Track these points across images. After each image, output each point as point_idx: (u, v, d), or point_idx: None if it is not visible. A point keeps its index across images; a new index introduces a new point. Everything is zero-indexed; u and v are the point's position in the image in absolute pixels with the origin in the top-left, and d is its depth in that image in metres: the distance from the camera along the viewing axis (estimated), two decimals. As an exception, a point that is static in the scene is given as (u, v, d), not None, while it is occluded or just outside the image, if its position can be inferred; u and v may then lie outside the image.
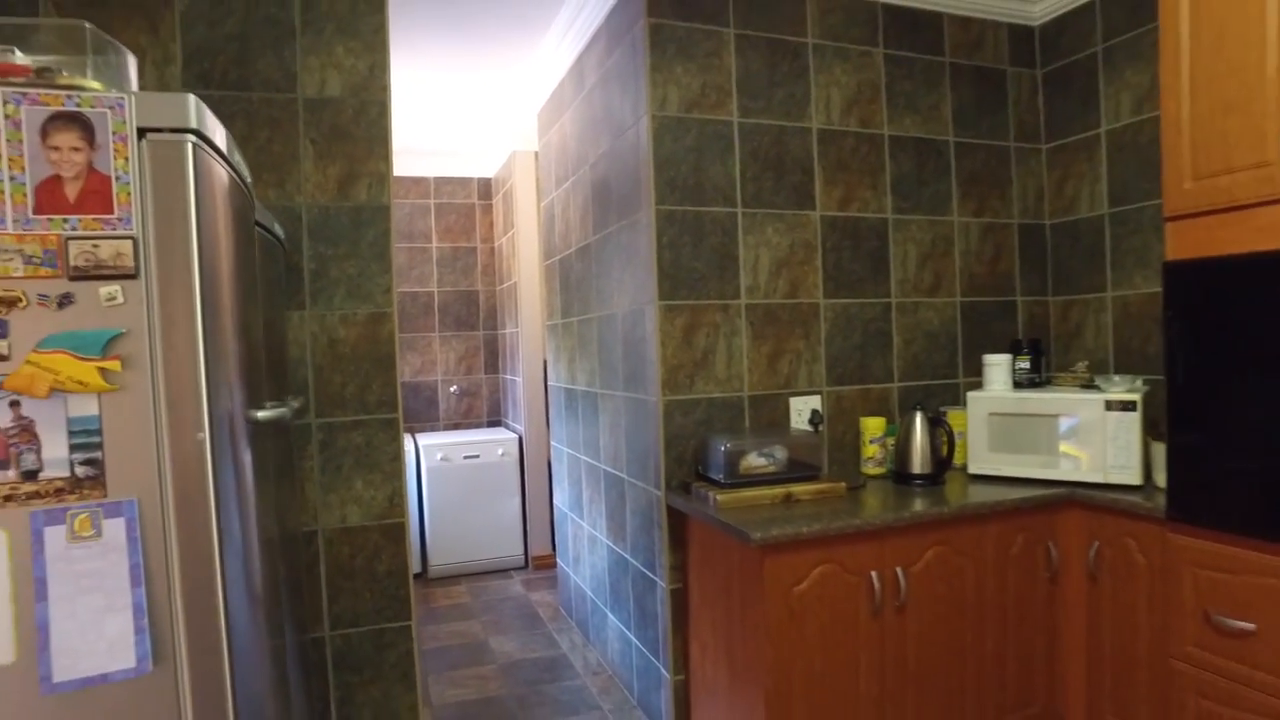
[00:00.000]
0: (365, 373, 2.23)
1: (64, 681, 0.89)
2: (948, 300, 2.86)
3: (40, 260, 0.89)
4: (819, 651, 2.09)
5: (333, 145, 2.21)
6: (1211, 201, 1.95)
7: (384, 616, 2.26)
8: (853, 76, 2.72)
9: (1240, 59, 1.87)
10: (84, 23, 0.98)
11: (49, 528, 0.89)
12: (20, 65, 0.91)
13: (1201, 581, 2.00)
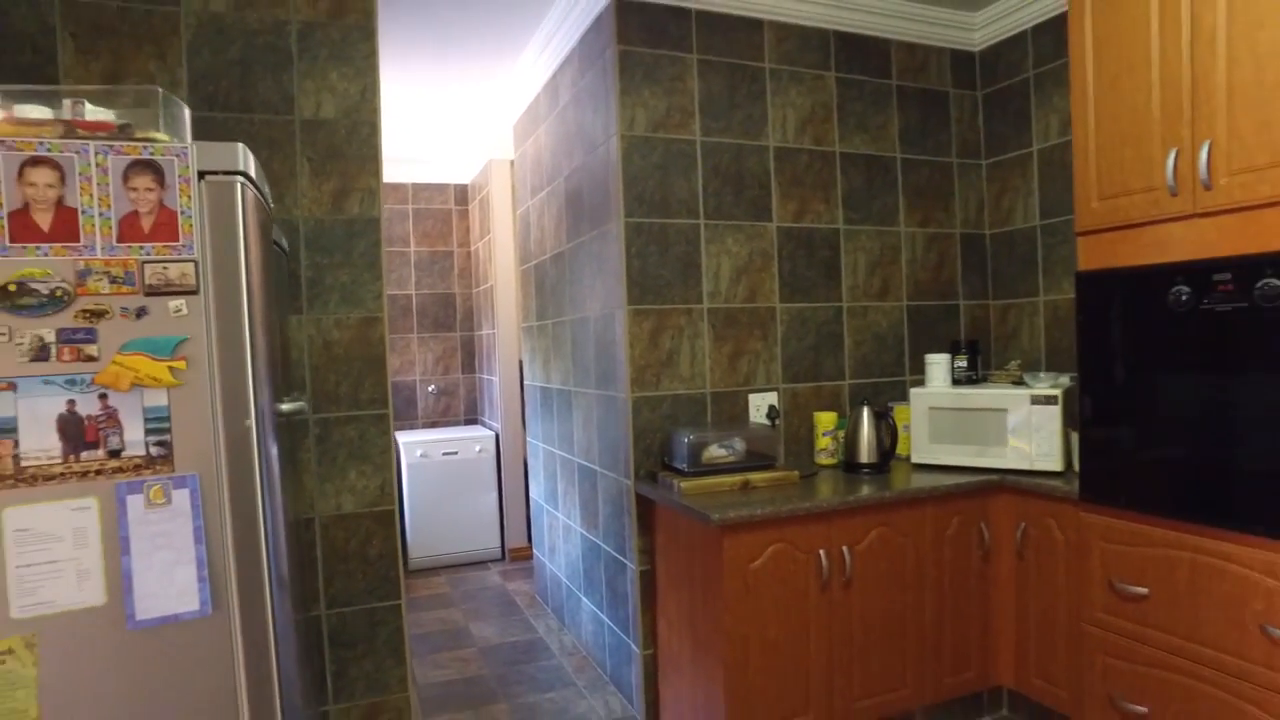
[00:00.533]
0: (358, 372, 2.45)
1: (144, 619, 1.11)
2: (895, 304, 3.14)
3: (122, 280, 1.10)
4: (772, 622, 2.35)
5: (327, 163, 2.43)
6: (1112, 220, 2.24)
7: (376, 596, 2.48)
8: (807, 98, 2.99)
9: (1132, 99, 2.16)
10: (157, 88, 1.19)
11: (130, 496, 1.11)
12: (108, 122, 1.13)
13: (1107, 554, 2.29)
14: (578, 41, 3.02)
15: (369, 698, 2.48)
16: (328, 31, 2.44)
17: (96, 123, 1.13)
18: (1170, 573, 2.12)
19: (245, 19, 2.34)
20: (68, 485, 1.08)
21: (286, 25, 2.39)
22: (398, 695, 2.52)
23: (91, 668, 1.10)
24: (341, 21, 2.44)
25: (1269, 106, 1.86)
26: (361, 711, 2.47)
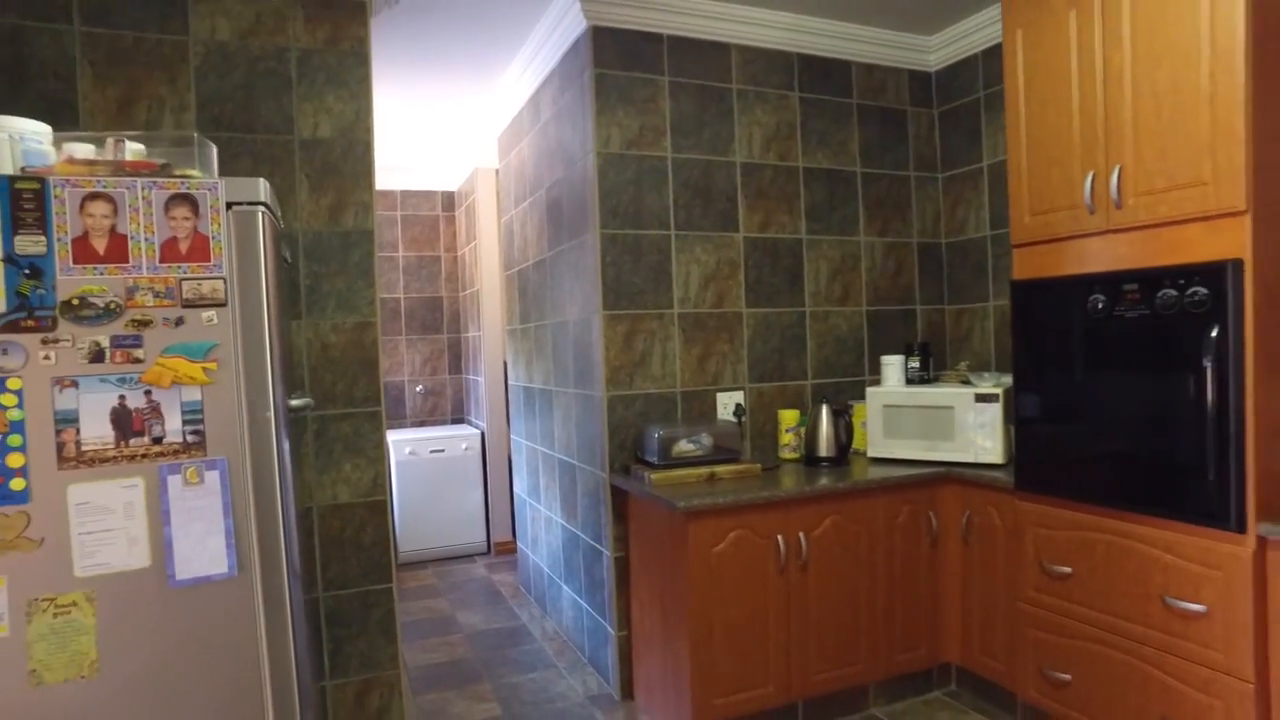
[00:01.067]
0: (352, 373, 2.68)
1: (182, 579, 1.33)
2: (855, 309, 3.39)
3: (164, 294, 1.32)
4: (734, 602, 2.59)
5: (324, 179, 2.66)
6: (1042, 234, 2.49)
7: (369, 580, 2.71)
8: (772, 117, 3.23)
9: (1056, 126, 2.42)
10: (194, 133, 1.42)
11: (170, 476, 1.33)
12: (152, 162, 1.35)
13: (1039, 538, 2.54)
14: (558, 63, 3.25)
15: (363, 674, 2.71)
16: (324, 58, 2.67)
17: (143, 162, 1.35)
18: (1090, 553, 2.38)
19: (248, 46, 2.57)
20: (119, 467, 1.31)
21: (286, 52, 2.62)
22: (389, 672, 2.75)
23: (139, 619, 1.33)
24: (337, 48, 2.67)
25: (1166, 137, 2.12)
26: (356, 687, 2.70)
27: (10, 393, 1.24)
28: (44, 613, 1.26)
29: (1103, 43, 2.28)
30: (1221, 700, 2.05)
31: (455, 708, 3.02)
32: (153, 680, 1.33)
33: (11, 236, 1.23)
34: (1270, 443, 2.01)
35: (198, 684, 1.35)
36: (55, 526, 1.27)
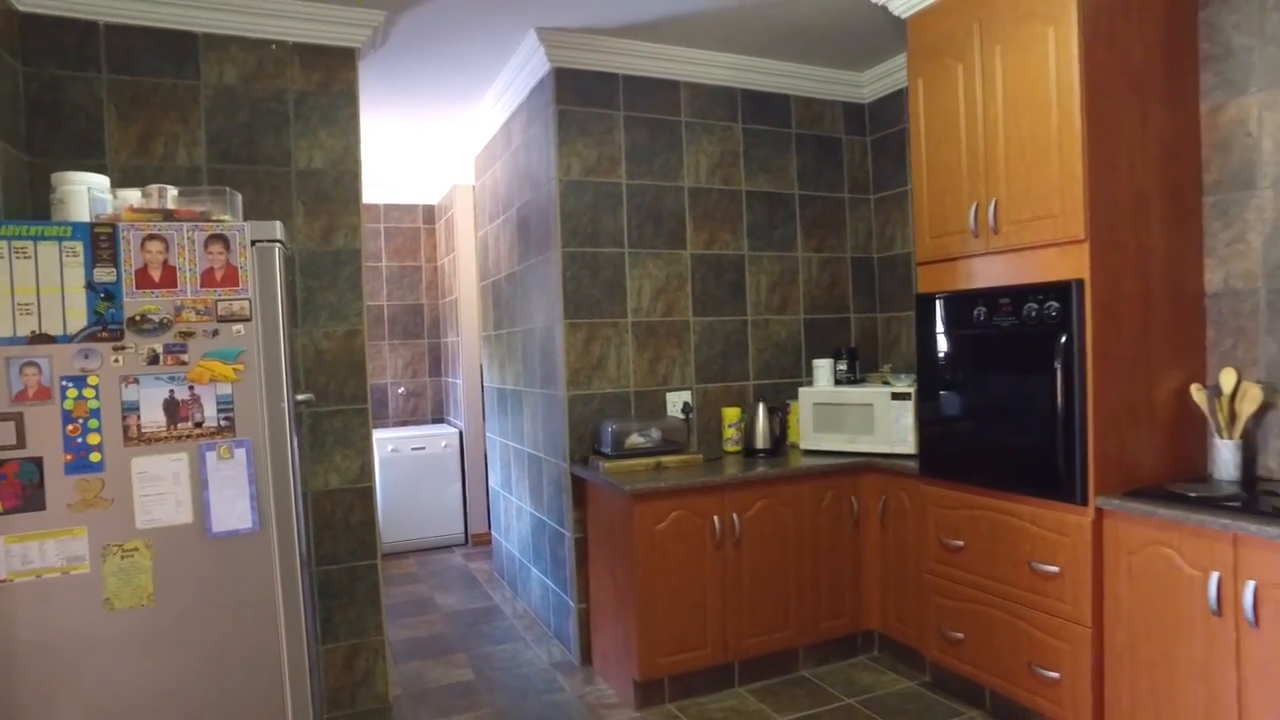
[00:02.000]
0: (343, 374, 3.11)
1: (217, 532, 1.75)
2: (793, 317, 3.85)
3: (204, 312, 1.75)
4: (675, 574, 3.03)
5: (318, 205, 3.09)
6: (939, 253, 2.96)
7: (356, 556, 3.14)
8: (717, 146, 3.69)
9: (949, 161, 2.89)
10: (225, 188, 1.85)
11: (208, 452, 1.75)
12: (194, 210, 1.77)
13: (938, 517, 3.00)
14: (525, 98, 3.70)
15: (350, 640, 3.13)
16: (318, 99, 3.10)
17: (187, 210, 1.77)
18: (976, 528, 2.83)
19: (252, 89, 3.00)
20: (169, 444, 1.72)
21: (285, 94, 3.05)
22: (374, 638, 3.18)
23: (184, 562, 1.74)
24: (329, 91, 3.10)
25: (1029, 176, 2.58)
26: (345, 651, 3.12)
27: (90, 387, 1.66)
28: (114, 555, 1.68)
29: (982, 94, 2.75)
30: (1069, 644, 2.52)
31: (433, 674, 3.45)
32: (195, 609, 1.75)
33: (91, 269, 1.65)
34: (1106, 431, 2.48)
35: (228, 613, 1.77)
36: (122, 490, 1.69)
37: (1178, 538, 2.24)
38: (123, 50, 2.82)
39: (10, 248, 1.59)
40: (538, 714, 3.03)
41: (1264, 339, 2.54)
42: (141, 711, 1.71)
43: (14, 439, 1.60)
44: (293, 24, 3.01)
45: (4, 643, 1.61)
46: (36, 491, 1.62)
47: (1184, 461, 2.66)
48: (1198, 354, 2.70)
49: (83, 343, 1.66)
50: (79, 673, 1.66)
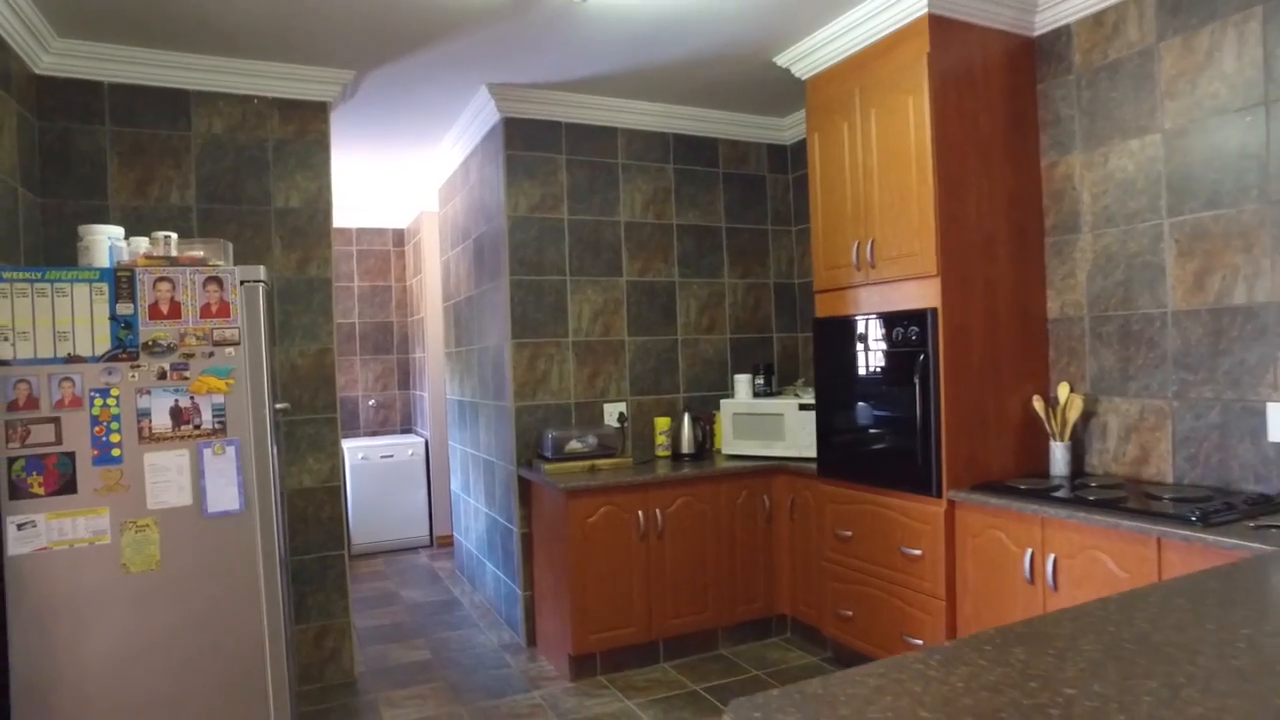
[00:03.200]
0: (315, 388, 3.60)
1: (212, 512, 2.23)
2: (720, 337, 4.38)
3: (202, 338, 2.23)
4: (604, 562, 3.53)
5: (294, 239, 3.59)
6: (831, 283, 3.50)
7: (326, 547, 3.62)
8: (651, 184, 4.23)
9: (838, 204, 3.43)
10: (223, 240, 2.34)
11: (205, 449, 2.23)
12: (196, 256, 2.27)
13: (832, 511, 3.53)
14: (480, 141, 4.23)
15: (320, 621, 3.61)
16: (294, 146, 3.61)
17: (190, 257, 2.27)
18: (861, 520, 3.36)
19: (236, 138, 3.50)
20: (174, 443, 2.21)
21: (265, 142, 3.55)
22: (341, 620, 3.66)
23: (184, 536, 2.22)
24: (304, 139, 3.61)
25: (896, 220, 3.13)
26: (315, 631, 3.60)
27: (112, 397, 2.14)
28: (130, 529, 2.15)
29: (861, 149, 3.30)
30: (929, 615, 3.05)
31: (394, 655, 3.93)
32: (193, 573, 2.23)
33: (114, 304, 2.14)
34: (957, 435, 3.01)
35: (220, 576, 2.25)
36: (136, 478, 2.17)
37: (1006, 522, 2.78)
38: (125, 106, 3.32)
39: (53, 289, 2.08)
40: (485, 686, 3.52)
41: (1088, 358, 3.10)
42: (149, 654, 2.19)
43: (54, 437, 2.09)
44: (273, 82, 3.52)
45: (45, 596, 2.09)
46: (70, 479, 2.10)
47: (1031, 461, 3.20)
48: (1042, 371, 3.25)
49: (107, 362, 2.15)
50: (101, 621, 2.14)
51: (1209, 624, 1.33)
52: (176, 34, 3.13)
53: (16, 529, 2.04)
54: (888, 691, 1.11)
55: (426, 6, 2.97)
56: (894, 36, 3.13)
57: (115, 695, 2.15)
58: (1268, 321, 2.55)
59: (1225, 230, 2.65)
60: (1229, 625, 1.32)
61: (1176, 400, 2.81)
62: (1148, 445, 2.92)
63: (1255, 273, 2.57)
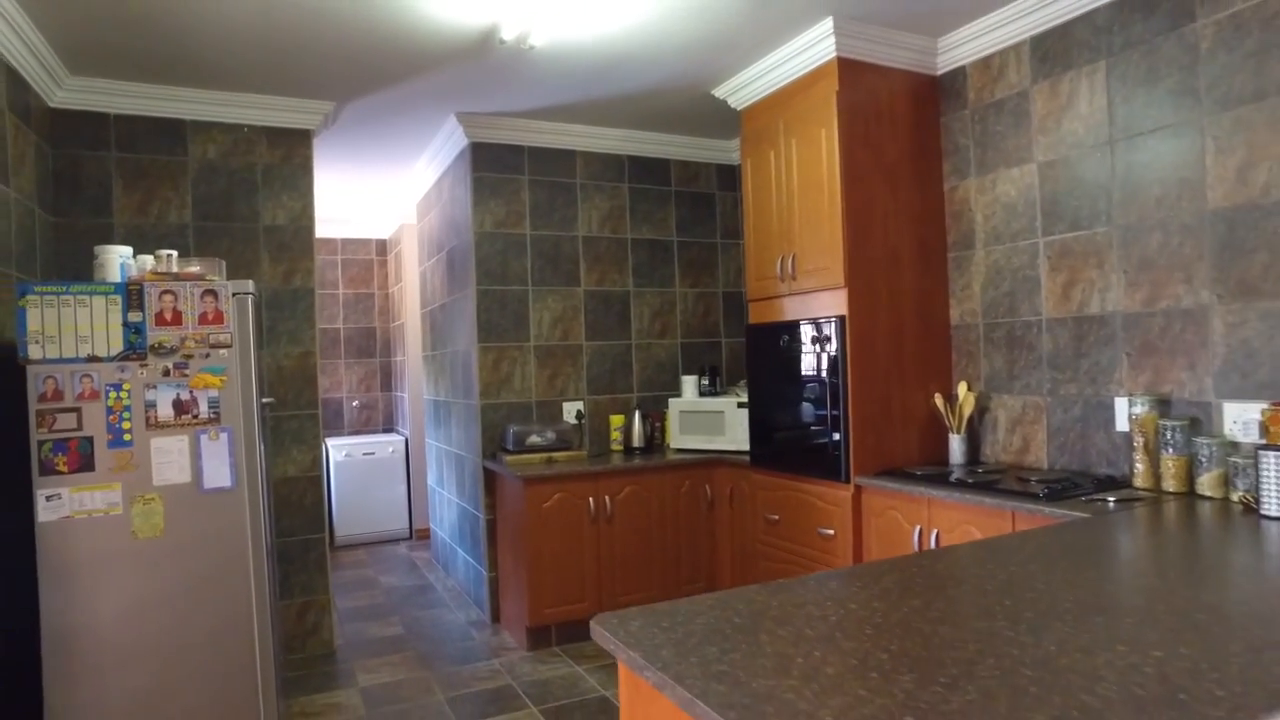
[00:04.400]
0: (299, 387, 4.05)
1: (207, 489, 2.67)
2: (671, 341, 4.84)
3: (200, 341, 2.67)
4: (559, 544, 3.98)
5: (280, 254, 4.04)
6: (761, 293, 3.96)
7: (308, 530, 4.06)
8: (607, 202, 4.69)
9: (766, 224, 3.90)
10: (218, 258, 2.80)
11: (202, 435, 2.67)
12: (196, 272, 2.71)
13: (763, 498, 3.98)
14: (451, 163, 4.69)
15: (303, 597, 4.06)
16: (281, 170, 4.06)
17: (190, 273, 2.72)
18: (786, 505, 3.82)
19: (229, 163, 3.96)
20: (176, 430, 2.65)
21: (255, 166, 4.01)
22: (322, 597, 4.10)
23: (184, 508, 2.66)
24: (290, 163, 4.07)
25: (813, 238, 3.60)
26: (298, 607, 4.05)
27: (125, 391, 2.58)
28: (139, 502, 2.59)
29: (785, 174, 3.76)
30: (838, 586, 3.50)
31: (371, 630, 4.38)
32: (191, 540, 2.67)
33: (126, 313, 2.59)
34: (864, 428, 3.47)
35: (213, 543, 2.69)
36: (144, 458, 2.61)
37: (901, 503, 3.23)
38: (128, 135, 3.77)
39: (75, 300, 2.53)
40: (451, 655, 3.97)
41: (983, 359, 3.56)
42: (155, 608, 2.63)
43: (75, 424, 2.53)
44: (261, 112, 3.97)
45: (68, 557, 2.53)
46: (89, 459, 2.55)
47: (933, 451, 3.66)
48: (946, 371, 3.72)
49: (120, 361, 2.60)
50: (115, 579, 2.58)
51: (1007, 563, 1.79)
52: (175, 70, 3.58)
53: (45, 500, 2.49)
54: (717, 609, 1.56)
55: (398, 49, 3.43)
56: (810, 76, 3.60)
57: (126, 642, 2.59)
58: (1115, 328, 3.01)
59: (1084, 249, 3.11)
60: (1019, 561, 1.78)
61: (1050, 397, 3.28)
62: (1028, 436, 3.38)
63: (1106, 286, 3.04)
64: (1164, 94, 2.84)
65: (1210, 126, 2.71)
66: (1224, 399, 2.70)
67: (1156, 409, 2.86)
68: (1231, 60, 2.64)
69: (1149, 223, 2.90)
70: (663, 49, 3.55)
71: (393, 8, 3.02)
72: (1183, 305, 2.81)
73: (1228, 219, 2.67)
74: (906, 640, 1.34)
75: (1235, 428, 2.67)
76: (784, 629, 1.42)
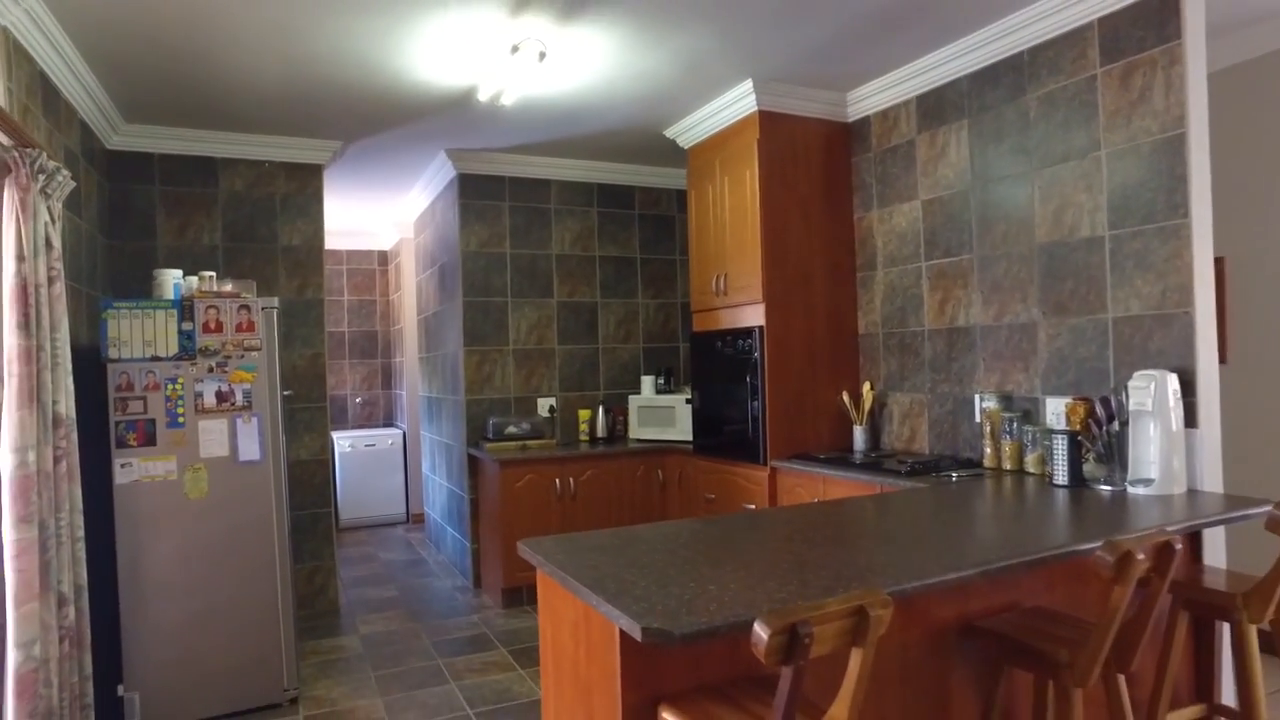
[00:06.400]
0: (310, 383, 4.89)
1: (242, 461, 3.49)
2: (634, 346, 5.66)
3: (236, 345, 3.49)
4: (529, 518, 4.80)
5: (295, 270, 4.88)
6: (702, 305, 4.77)
7: (316, 505, 4.90)
8: (578, 224, 5.51)
9: (706, 246, 4.71)
10: (252, 280, 3.61)
11: (238, 419, 3.49)
12: (233, 291, 3.53)
13: (703, 480, 4.79)
14: (442, 190, 5.53)
15: (313, 563, 4.89)
16: (296, 199, 4.90)
17: (228, 291, 3.54)
18: (720, 485, 4.62)
19: (253, 193, 4.80)
20: (217, 414, 3.47)
21: (274, 195, 4.85)
22: (329, 563, 4.93)
23: (224, 475, 3.49)
24: (304, 194, 4.91)
25: (740, 259, 4.40)
26: (308, 570, 4.88)
27: (179, 384, 3.42)
28: (189, 470, 3.42)
29: (719, 206, 4.58)
30: (757, 551, 4.30)
31: (370, 593, 5.21)
32: (230, 500, 3.50)
33: (180, 323, 3.42)
34: (779, 421, 4.27)
35: (248, 503, 3.52)
36: (193, 436, 3.44)
37: (805, 480, 4.03)
38: (169, 171, 4.62)
39: (143, 313, 3.37)
40: (437, 612, 4.79)
41: (882, 363, 4.36)
42: (201, 552, 3.46)
43: (143, 409, 3.37)
44: (280, 150, 4.81)
45: (137, 512, 3.36)
46: (152, 436, 3.38)
47: (842, 440, 4.46)
48: (855, 373, 4.51)
49: (175, 361, 3.43)
50: (172, 530, 3.42)
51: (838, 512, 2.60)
52: (208, 116, 4.42)
53: (120, 467, 3.33)
54: (607, 538, 2.38)
55: (395, 101, 4.26)
56: (739, 124, 4.41)
57: (179, 577, 3.42)
58: (975, 337, 3.81)
59: (955, 272, 3.91)
60: (848, 511, 2.59)
61: (930, 394, 4.08)
62: (914, 427, 4.18)
63: (970, 303, 3.84)
64: (1007, 150, 3.64)
65: (1036, 178, 3.50)
66: (1047, 395, 3.50)
67: (1001, 404, 3.65)
68: (1049, 128, 3.44)
69: (998, 252, 3.69)
70: (614, 100, 4.36)
71: (391, 70, 3.84)
72: (1020, 320, 3.60)
73: (1048, 252, 3.46)
74: (720, 550, 2.15)
75: (1053, 418, 3.47)
76: (642, 547, 2.24)
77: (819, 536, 2.29)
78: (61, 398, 2.72)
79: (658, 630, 1.58)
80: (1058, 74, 3.39)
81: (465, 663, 3.97)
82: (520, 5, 3.15)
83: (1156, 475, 2.89)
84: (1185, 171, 2.95)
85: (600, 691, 1.92)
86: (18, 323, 2.46)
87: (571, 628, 2.08)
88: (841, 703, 1.59)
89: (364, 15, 3.18)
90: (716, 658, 1.93)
